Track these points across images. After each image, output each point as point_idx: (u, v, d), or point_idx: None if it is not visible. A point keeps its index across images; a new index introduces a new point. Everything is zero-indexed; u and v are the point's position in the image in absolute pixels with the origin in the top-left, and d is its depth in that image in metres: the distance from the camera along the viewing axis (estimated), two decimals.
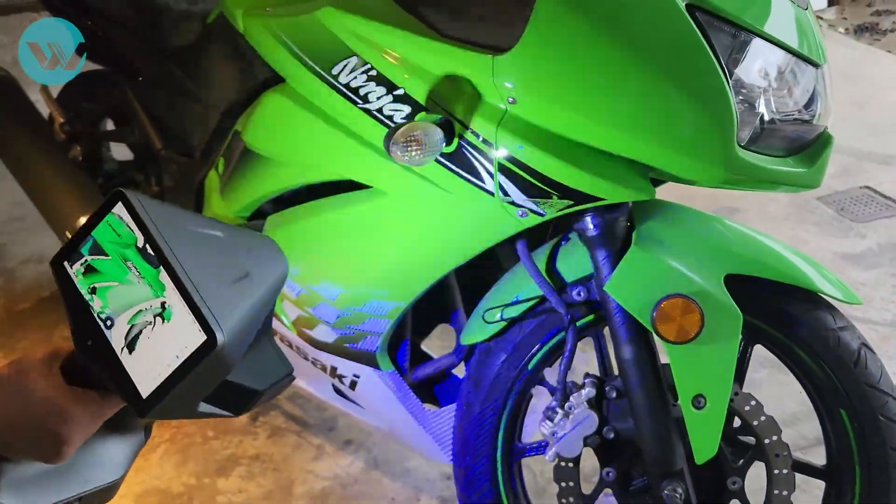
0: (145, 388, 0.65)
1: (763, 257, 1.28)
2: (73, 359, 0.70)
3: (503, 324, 1.36)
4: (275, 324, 1.62)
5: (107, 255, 0.67)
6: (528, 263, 1.30)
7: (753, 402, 1.30)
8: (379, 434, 1.97)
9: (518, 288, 1.37)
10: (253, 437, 2.06)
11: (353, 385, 1.59)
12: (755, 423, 1.30)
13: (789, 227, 2.85)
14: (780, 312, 1.28)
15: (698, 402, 1.24)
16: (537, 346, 1.38)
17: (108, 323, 0.67)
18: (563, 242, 1.37)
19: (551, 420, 1.33)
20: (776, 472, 1.30)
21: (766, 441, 1.30)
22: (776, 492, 1.30)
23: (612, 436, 1.32)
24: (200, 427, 2.10)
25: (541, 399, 1.45)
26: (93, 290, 0.67)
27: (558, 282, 1.33)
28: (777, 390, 1.96)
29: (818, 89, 1.17)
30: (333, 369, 1.58)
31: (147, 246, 0.65)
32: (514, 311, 1.34)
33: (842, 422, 1.29)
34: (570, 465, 1.37)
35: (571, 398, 1.32)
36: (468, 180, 1.16)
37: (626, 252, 1.24)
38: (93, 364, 0.67)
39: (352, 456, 1.98)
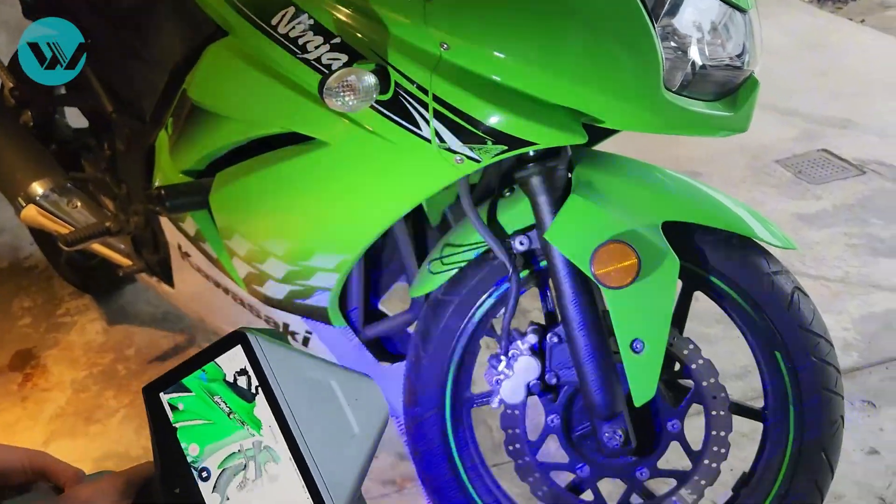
0: None
1: (700, 204, 1.30)
2: (147, 487, 0.64)
3: (449, 273, 1.38)
4: (226, 281, 1.63)
5: (189, 391, 0.62)
6: (472, 214, 1.32)
7: (692, 346, 1.33)
8: None
9: (463, 240, 1.38)
10: None
11: (305, 342, 1.60)
12: (693, 366, 1.33)
13: (747, 189, 2.88)
14: (717, 258, 1.31)
15: (636, 346, 1.27)
16: (484, 297, 1.40)
17: (204, 475, 0.61)
18: (506, 194, 1.39)
19: (495, 367, 1.35)
20: (713, 413, 1.33)
21: (704, 384, 1.33)
22: (714, 433, 1.34)
23: (554, 381, 1.35)
24: None
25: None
26: (185, 434, 0.62)
27: (502, 233, 1.35)
28: (729, 345, 1.99)
29: (746, 34, 1.19)
30: (286, 326, 1.59)
31: (246, 386, 0.61)
32: (458, 259, 1.36)
33: (777, 363, 1.33)
34: (516, 412, 1.40)
35: (515, 345, 1.34)
36: (405, 127, 1.17)
37: (566, 200, 1.26)
38: None
39: None
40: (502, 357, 1.34)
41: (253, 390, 0.61)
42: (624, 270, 1.22)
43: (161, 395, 0.62)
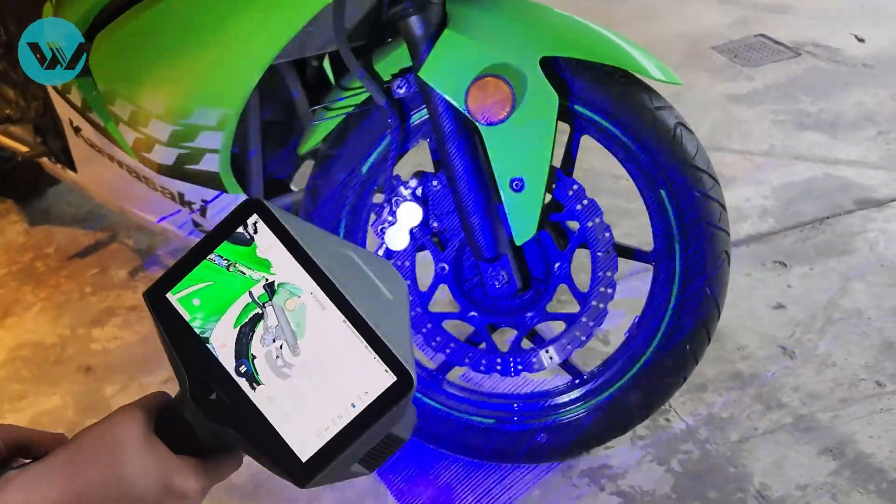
0: (305, 448, 0.50)
1: (580, 39, 1.27)
2: (168, 413, 0.55)
3: (333, 122, 1.36)
4: (119, 154, 1.60)
5: (211, 281, 0.53)
6: (347, 56, 1.29)
7: (576, 187, 1.32)
8: None
9: (348, 85, 1.36)
10: (132, 291, 2.05)
11: (203, 211, 1.58)
12: (577, 207, 1.32)
13: (681, 75, 2.84)
14: (599, 95, 1.29)
15: (516, 184, 1.26)
16: (370, 150, 1.38)
17: (242, 369, 0.52)
18: (388, 40, 1.35)
19: (379, 216, 1.34)
20: (599, 253, 1.33)
21: (589, 224, 1.32)
22: (600, 273, 1.34)
23: (435, 225, 1.33)
24: (78, 284, 2.09)
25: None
26: (187, 305, 0.53)
27: (382, 79, 1.32)
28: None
29: None
30: (181, 196, 1.57)
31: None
32: (341, 105, 1.34)
33: (662, 202, 1.32)
34: (406, 263, 1.39)
35: (397, 192, 1.32)
36: None
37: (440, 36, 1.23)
38: (215, 422, 0.52)
39: None
40: (385, 205, 1.33)
41: (251, 230, 0.53)
42: (498, 104, 1.20)
43: (168, 296, 0.53)
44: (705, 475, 1.43)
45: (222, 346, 0.52)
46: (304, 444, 0.50)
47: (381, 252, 1.36)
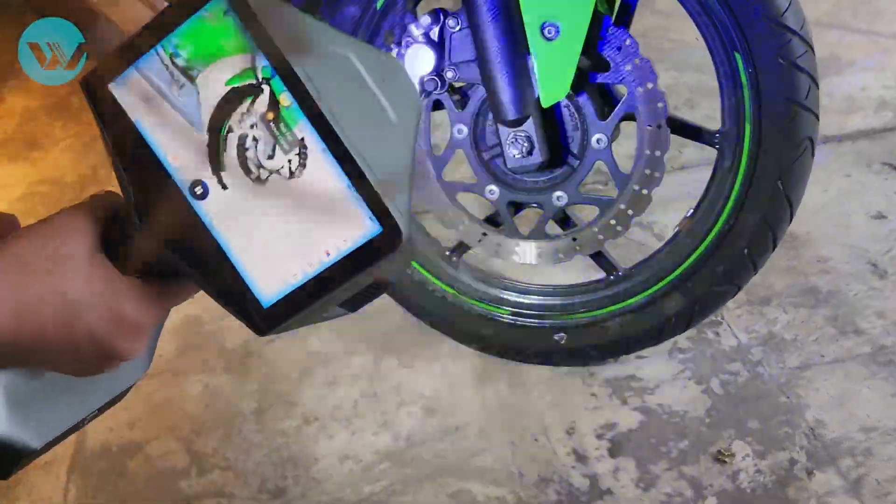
0: (267, 292, 0.44)
1: None
2: (115, 227, 0.48)
3: None
4: None
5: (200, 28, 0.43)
6: None
7: (628, 42, 1.06)
8: None
9: None
10: None
11: None
12: (627, 67, 1.07)
13: None
14: None
15: (548, 30, 1.02)
16: None
17: (198, 192, 0.44)
18: None
19: None
20: (647, 127, 1.08)
21: (639, 90, 1.07)
22: (646, 151, 1.09)
23: (450, 76, 1.11)
24: None
25: None
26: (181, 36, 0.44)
27: None
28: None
29: None
30: None
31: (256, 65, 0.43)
32: None
33: (736, 69, 1.06)
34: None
35: (408, 32, 1.10)
36: None
37: None
38: (166, 250, 0.46)
39: None
40: (394, 47, 1.11)
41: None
42: None
43: (110, 86, 0.44)
44: (749, 402, 1.22)
45: (174, 158, 0.44)
46: (267, 287, 0.44)
47: None
